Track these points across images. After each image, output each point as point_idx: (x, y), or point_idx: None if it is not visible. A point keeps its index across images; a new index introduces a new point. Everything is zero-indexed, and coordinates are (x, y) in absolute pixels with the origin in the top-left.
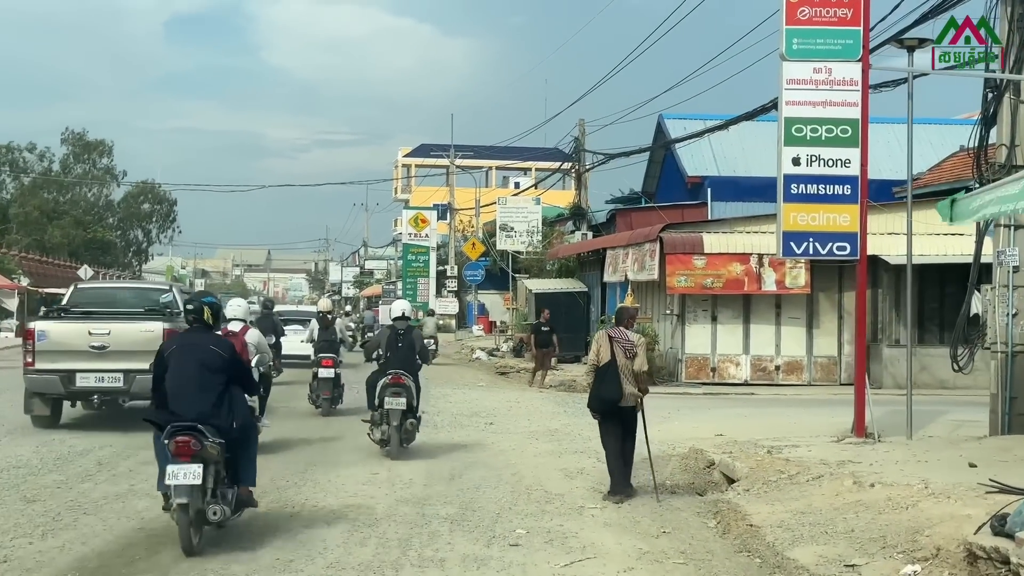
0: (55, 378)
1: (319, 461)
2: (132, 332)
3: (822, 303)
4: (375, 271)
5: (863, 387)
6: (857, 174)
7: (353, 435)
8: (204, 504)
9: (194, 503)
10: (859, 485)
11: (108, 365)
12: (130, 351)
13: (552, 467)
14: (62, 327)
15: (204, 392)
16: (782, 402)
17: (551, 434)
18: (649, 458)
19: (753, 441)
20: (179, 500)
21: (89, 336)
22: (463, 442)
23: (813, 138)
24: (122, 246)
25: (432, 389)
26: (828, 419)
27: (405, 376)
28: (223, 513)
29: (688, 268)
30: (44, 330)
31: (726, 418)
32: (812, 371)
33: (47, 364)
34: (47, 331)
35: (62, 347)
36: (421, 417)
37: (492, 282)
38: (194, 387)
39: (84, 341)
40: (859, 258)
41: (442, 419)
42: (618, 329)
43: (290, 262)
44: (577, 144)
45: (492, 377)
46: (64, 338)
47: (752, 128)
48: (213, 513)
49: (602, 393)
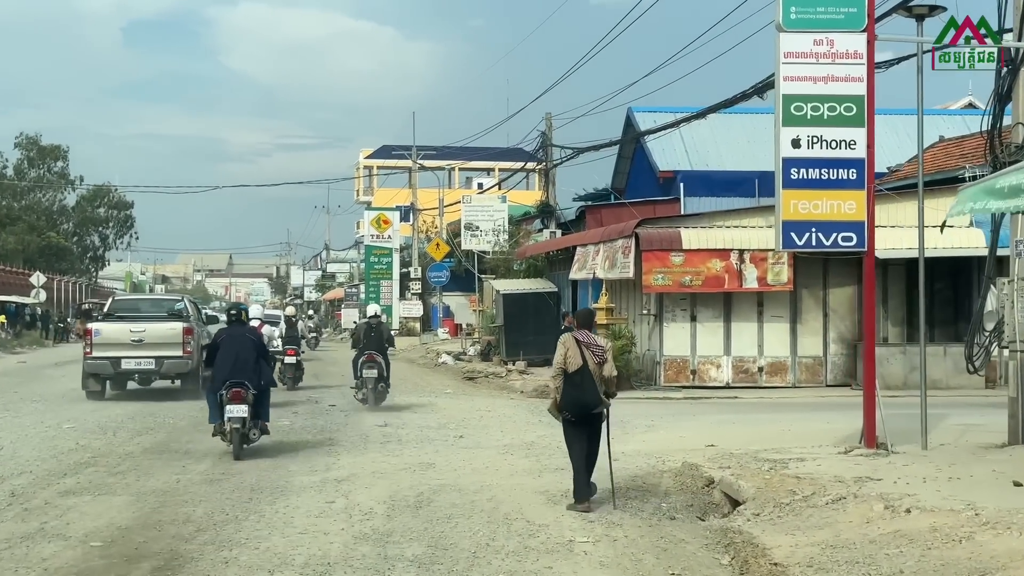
0: (106, 362)
1: (266, 485)
2: (161, 329)
3: (806, 300)
4: (337, 274)
5: (873, 392)
6: (863, 156)
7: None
8: (246, 428)
9: (242, 427)
10: (892, 510)
11: (144, 353)
12: (160, 343)
13: (532, 489)
14: (110, 326)
15: (246, 363)
16: (769, 406)
17: (527, 448)
18: (609, 465)
19: (750, 453)
20: (234, 425)
21: (130, 333)
22: (431, 460)
23: (814, 117)
24: (78, 252)
25: (396, 397)
26: (823, 425)
27: (377, 355)
28: (256, 435)
29: (665, 265)
30: (98, 328)
31: (714, 425)
32: (797, 372)
33: (100, 353)
34: (100, 329)
35: (111, 340)
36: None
37: (457, 283)
38: (241, 360)
39: (127, 336)
40: (867, 250)
41: (407, 432)
42: (585, 332)
43: (252, 267)
44: (544, 139)
45: (460, 383)
46: (112, 334)
47: (724, 120)
48: (252, 434)
49: (583, 398)
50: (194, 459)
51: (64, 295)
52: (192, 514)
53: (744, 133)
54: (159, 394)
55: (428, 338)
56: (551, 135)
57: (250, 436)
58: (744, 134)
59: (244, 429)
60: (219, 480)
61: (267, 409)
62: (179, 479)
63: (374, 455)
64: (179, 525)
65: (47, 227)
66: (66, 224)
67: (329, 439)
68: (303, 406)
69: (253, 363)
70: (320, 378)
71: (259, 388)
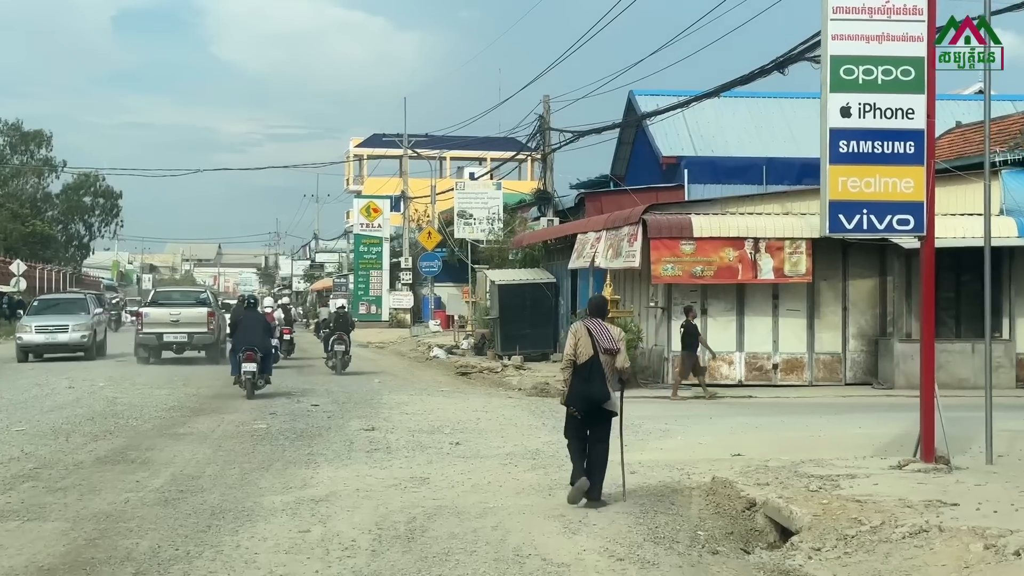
0: (153, 336)
1: (230, 506)
2: (192, 312)
3: (824, 293)
4: (326, 264)
5: (932, 397)
6: (922, 127)
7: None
8: (255, 379)
9: (252, 378)
10: (996, 551)
11: (179, 330)
12: (190, 323)
13: (544, 512)
14: (155, 310)
15: (256, 335)
16: (788, 407)
17: (532, 457)
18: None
19: (787, 466)
20: (247, 376)
21: (169, 315)
22: (424, 473)
23: (867, 82)
24: (63, 240)
25: (384, 396)
26: (855, 430)
27: (344, 334)
28: (262, 384)
29: (675, 254)
30: (147, 312)
31: (734, 430)
32: (814, 370)
33: (148, 330)
34: (148, 312)
35: (155, 321)
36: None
37: (449, 274)
38: (252, 333)
39: (167, 318)
40: (925, 236)
41: (396, 437)
42: (596, 321)
43: (241, 257)
44: (541, 122)
45: (453, 379)
46: (156, 316)
47: (730, 105)
48: (260, 383)
49: (591, 393)
50: (151, 471)
51: (47, 284)
52: (134, 549)
53: (751, 118)
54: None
55: (419, 330)
56: (549, 118)
57: (258, 384)
58: (751, 119)
59: (254, 380)
60: (175, 500)
61: (270, 367)
62: (128, 499)
63: (359, 467)
64: (115, 566)
65: (31, 215)
66: (51, 212)
67: (308, 446)
68: (283, 405)
69: (260, 336)
70: None
71: (265, 352)
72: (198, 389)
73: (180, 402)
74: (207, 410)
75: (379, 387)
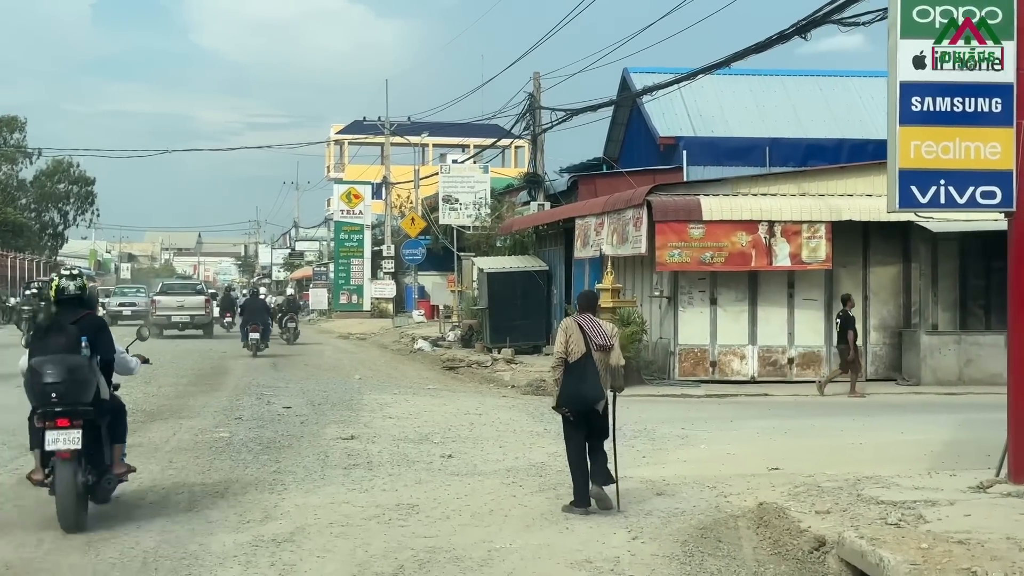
0: (165, 317)
1: (167, 552)
2: (193, 299)
3: (843, 281)
4: (306, 253)
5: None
6: (1011, 80)
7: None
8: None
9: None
10: None
11: (183, 312)
12: (191, 307)
13: (565, 557)
14: (165, 297)
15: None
16: (810, 407)
17: (539, 474)
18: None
19: (843, 486)
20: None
21: (176, 300)
22: (412, 498)
23: (945, 25)
24: (37, 229)
25: (365, 396)
26: (897, 436)
27: (295, 314)
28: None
29: (683, 239)
30: (158, 298)
31: (762, 436)
32: (832, 364)
33: (160, 312)
34: (159, 299)
35: (166, 305)
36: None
37: (433, 262)
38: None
39: (174, 303)
40: (1015, 211)
41: (379, 449)
42: (587, 317)
43: (221, 245)
44: (532, 100)
45: (440, 374)
46: (166, 301)
47: (730, 83)
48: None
49: (585, 392)
50: None
51: (20, 273)
52: None
53: (752, 97)
54: None
55: (402, 321)
56: (539, 96)
57: (260, 347)
58: (752, 98)
59: (259, 344)
60: (99, 543)
61: (268, 337)
62: (41, 540)
63: (334, 489)
64: None
65: (3, 202)
66: (24, 199)
67: (276, 461)
68: (251, 408)
69: (261, 314)
70: None
71: (264, 326)
72: (159, 388)
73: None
74: (166, 412)
75: (359, 385)
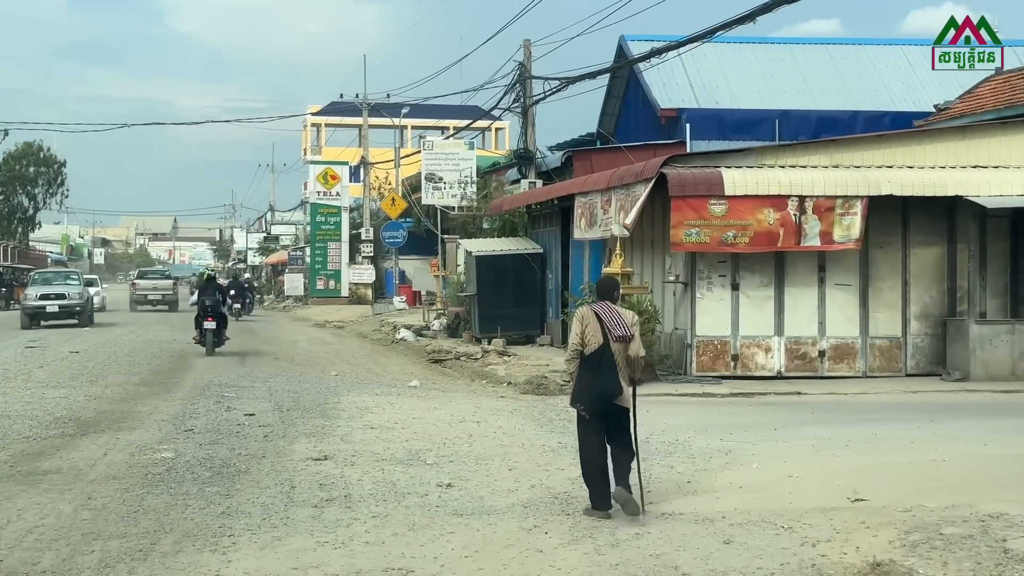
0: (143, 295)
1: None
2: (164, 283)
3: (880, 263)
4: (281, 237)
5: None
6: None
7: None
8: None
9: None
10: None
11: (158, 293)
12: (163, 289)
13: None
14: (143, 281)
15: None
16: (856, 408)
17: (564, 510)
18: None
19: (968, 532)
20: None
21: (151, 283)
22: (403, 559)
23: None
24: (5, 213)
25: (342, 398)
26: (980, 448)
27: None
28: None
29: (702, 217)
30: (136, 282)
31: (819, 450)
32: (868, 358)
33: (139, 292)
34: (138, 282)
35: (143, 287)
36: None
37: (415, 246)
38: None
39: (151, 285)
40: None
41: (359, 475)
42: (605, 305)
43: (196, 230)
44: (522, 70)
45: (426, 368)
46: (144, 283)
47: (735, 52)
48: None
49: (601, 387)
50: None
51: None
52: None
53: (759, 67)
54: None
55: (382, 307)
56: (530, 66)
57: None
58: (759, 67)
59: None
60: None
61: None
62: None
63: (299, 541)
64: None
65: None
66: None
67: (226, 496)
68: (207, 415)
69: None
70: None
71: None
72: (104, 389)
73: (73, 410)
74: (104, 422)
75: (336, 384)
